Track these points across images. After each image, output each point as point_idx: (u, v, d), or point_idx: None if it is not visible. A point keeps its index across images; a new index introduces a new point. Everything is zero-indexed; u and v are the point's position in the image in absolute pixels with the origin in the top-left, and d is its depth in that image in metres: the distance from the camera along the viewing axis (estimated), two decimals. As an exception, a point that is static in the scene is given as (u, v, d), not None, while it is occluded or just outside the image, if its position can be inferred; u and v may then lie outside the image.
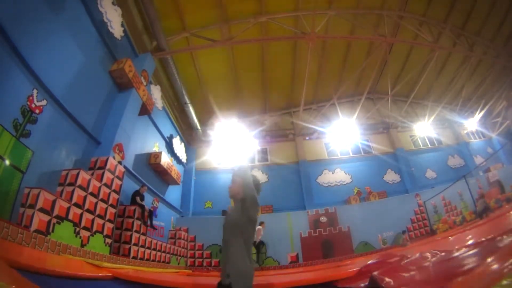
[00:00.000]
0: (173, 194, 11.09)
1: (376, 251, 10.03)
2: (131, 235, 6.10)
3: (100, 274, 3.10)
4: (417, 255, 2.60)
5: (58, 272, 2.60)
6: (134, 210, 6.40)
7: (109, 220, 5.42)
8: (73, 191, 4.54)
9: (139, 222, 6.46)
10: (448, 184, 10.32)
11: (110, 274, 3.17)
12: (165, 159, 9.42)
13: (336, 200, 12.26)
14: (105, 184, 5.42)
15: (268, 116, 14.73)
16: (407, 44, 12.39)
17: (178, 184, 10.87)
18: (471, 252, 1.98)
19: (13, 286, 1.37)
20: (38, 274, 2.35)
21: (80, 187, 4.70)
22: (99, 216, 5.10)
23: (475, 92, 15.53)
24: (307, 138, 14.50)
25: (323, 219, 10.89)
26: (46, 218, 3.86)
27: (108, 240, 5.30)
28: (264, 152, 14.25)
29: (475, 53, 12.63)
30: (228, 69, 11.62)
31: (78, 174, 4.71)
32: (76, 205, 4.52)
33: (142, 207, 6.80)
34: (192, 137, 13.85)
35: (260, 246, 9.38)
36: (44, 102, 4.69)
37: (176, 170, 10.25)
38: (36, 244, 3.51)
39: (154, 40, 8.72)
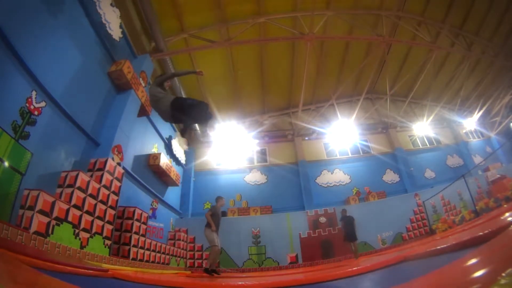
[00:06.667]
0: (172, 195, 11.08)
1: (375, 251, 10.07)
2: (130, 237, 6.10)
3: (100, 272, 3.10)
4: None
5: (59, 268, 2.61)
6: (134, 211, 6.39)
7: (109, 222, 5.42)
8: (72, 193, 4.54)
9: (138, 224, 6.46)
10: (447, 184, 10.32)
11: (110, 273, 3.18)
12: (164, 160, 9.41)
13: (335, 201, 12.26)
14: (104, 186, 5.42)
15: (267, 116, 14.74)
16: (405, 44, 12.39)
17: (177, 185, 10.87)
18: (469, 251, 1.99)
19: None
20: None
21: (79, 188, 4.69)
22: (99, 217, 5.10)
23: (473, 91, 15.56)
24: (306, 138, 14.50)
25: (322, 219, 10.89)
26: (45, 219, 3.86)
27: (108, 242, 5.30)
28: (263, 152, 14.25)
29: (474, 53, 12.66)
30: (226, 70, 11.62)
31: (77, 175, 4.71)
32: (75, 206, 4.52)
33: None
34: (191, 138, 13.87)
35: None
36: (43, 104, 4.69)
37: (175, 171, 10.24)
38: (36, 245, 3.51)
39: (153, 41, 8.73)
